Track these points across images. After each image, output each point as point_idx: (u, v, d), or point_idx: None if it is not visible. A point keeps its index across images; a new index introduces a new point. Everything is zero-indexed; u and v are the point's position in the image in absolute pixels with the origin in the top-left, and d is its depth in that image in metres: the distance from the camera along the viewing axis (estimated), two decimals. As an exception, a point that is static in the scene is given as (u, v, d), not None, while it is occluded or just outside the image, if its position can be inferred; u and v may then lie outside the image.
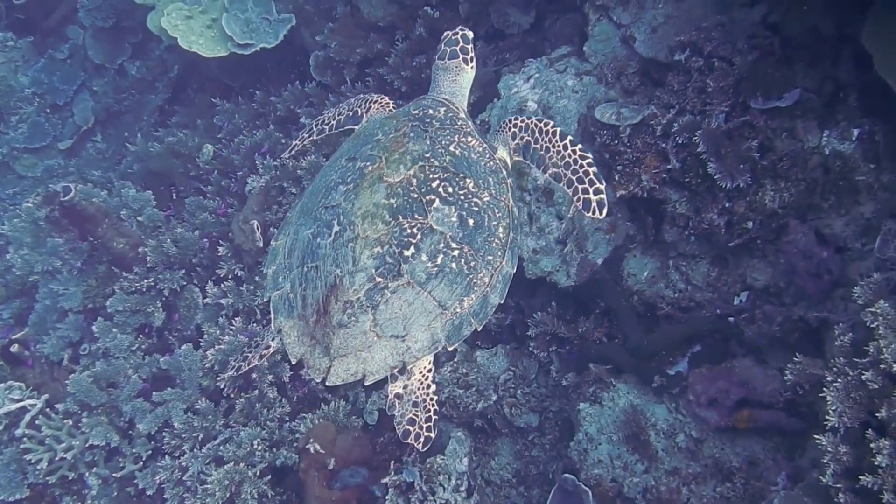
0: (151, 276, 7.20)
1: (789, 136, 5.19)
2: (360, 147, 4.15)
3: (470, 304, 3.80)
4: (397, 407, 3.92)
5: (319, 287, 3.77)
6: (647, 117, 5.43)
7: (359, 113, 4.82)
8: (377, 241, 3.70)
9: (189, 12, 8.42)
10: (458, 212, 3.82)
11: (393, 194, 3.80)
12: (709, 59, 5.37)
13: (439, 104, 4.33)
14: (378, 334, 3.70)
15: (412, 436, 3.87)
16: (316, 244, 3.87)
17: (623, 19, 5.97)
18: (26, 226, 7.86)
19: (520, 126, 4.29)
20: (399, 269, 3.68)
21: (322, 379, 3.74)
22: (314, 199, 4.10)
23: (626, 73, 5.93)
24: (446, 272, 3.73)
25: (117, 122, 10.81)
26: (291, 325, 3.92)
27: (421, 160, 3.90)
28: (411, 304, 3.70)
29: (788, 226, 5.16)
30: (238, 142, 8.18)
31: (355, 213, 3.79)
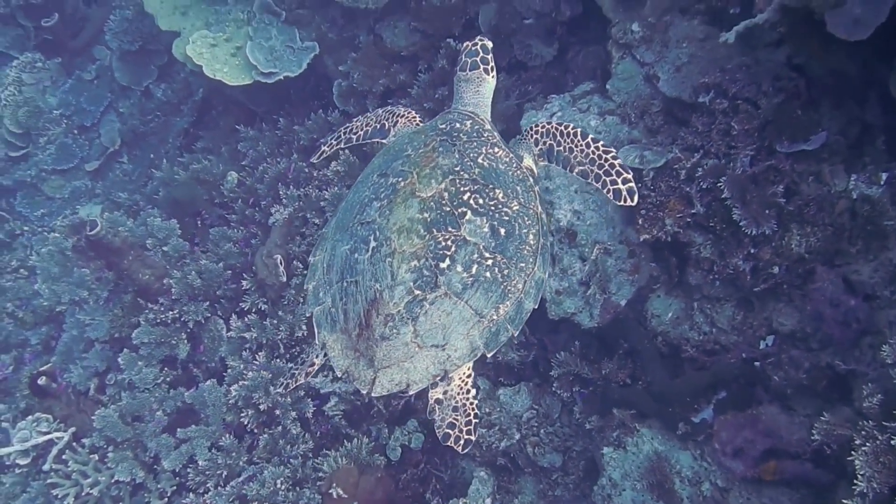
0: (176, 308, 7.23)
1: (816, 179, 5.14)
2: (391, 163, 4.22)
3: (506, 311, 3.89)
4: (437, 412, 3.99)
5: (360, 301, 3.84)
6: (671, 161, 5.39)
7: (386, 126, 4.89)
8: (413, 255, 3.78)
9: (214, 40, 8.45)
10: (489, 222, 3.89)
11: (426, 208, 3.88)
12: (733, 101, 5.33)
13: (465, 117, 4.41)
14: (419, 345, 3.78)
15: (452, 439, 3.92)
16: (354, 260, 3.94)
17: (646, 58, 5.92)
18: (53, 256, 7.93)
19: (541, 132, 4.40)
20: (436, 280, 3.76)
21: (368, 390, 3.82)
22: (349, 216, 4.18)
23: (649, 112, 5.89)
24: (481, 281, 3.81)
25: (143, 144, 10.87)
26: (335, 339, 3.99)
27: (451, 174, 3.98)
28: (449, 314, 3.78)
29: (815, 272, 5.10)
30: (262, 170, 8.19)
31: (391, 228, 3.87)
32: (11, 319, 8.80)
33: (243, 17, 8.61)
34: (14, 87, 11.22)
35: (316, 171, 7.81)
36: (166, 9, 9.10)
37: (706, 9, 5.71)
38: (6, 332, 8.74)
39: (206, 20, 8.91)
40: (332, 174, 7.51)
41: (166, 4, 9.12)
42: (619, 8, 6.08)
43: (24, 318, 8.74)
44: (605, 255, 5.72)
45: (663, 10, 5.86)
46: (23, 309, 8.88)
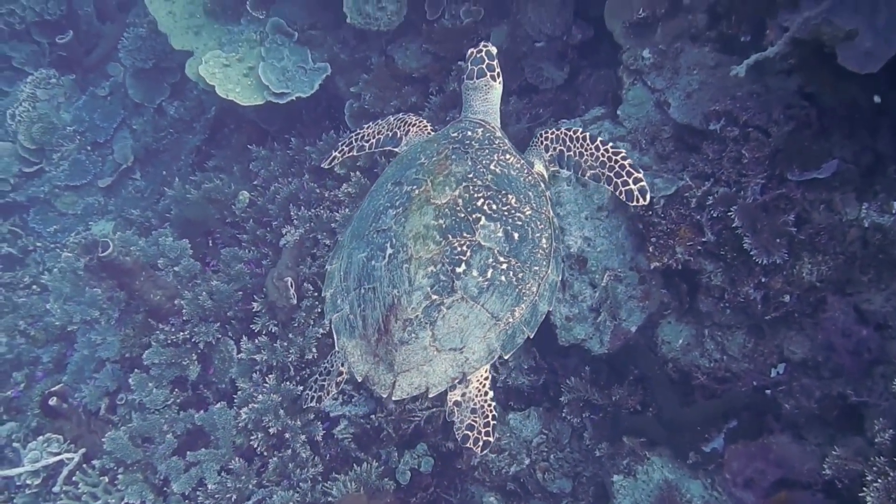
0: (187, 329, 7.25)
1: (827, 208, 5.11)
2: (405, 171, 4.32)
3: (521, 314, 4.00)
4: (456, 414, 4.11)
5: (378, 307, 3.95)
6: (682, 189, 5.39)
7: (398, 135, 5.05)
8: (430, 261, 3.89)
9: (227, 60, 8.49)
10: (503, 227, 4.00)
11: (441, 215, 3.98)
12: (744, 129, 5.31)
13: (476, 125, 4.56)
14: (438, 348, 3.88)
15: (471, 440, 4.05)
16: (371, 267, 4.05)
17: (657, 84, 5.91)
18: (66, 275, 7.97)
19: (551, 138, 4.59)
20: (453, 285, 3.86)
21: (388, 394, 3.92)
22: (364, 224, 4.28)
23: (660, 139, 5.88)
24: (496, 285, 3.92)
25: (156, 161, 10.93)
26: (354, 345, 4.10)
27: (465, 181, 4.09)
28: (466, 318, 3.88)
29: (827, 301, 5.08)
30: (273, 190, 8.21)
31: (407, 235, 3.97)
32: (23, 337, 8.84)
33: (256, 38, 8.65)
34: (28, 104, 11.31)
35: (327, 192, 7.82)
36: (179, 28, 9.14)
37: (717, 36, 5.70)
38: (18, 350, 8.77)
39: (218, 40, 8.94)
40: (343, 195, 7.52)
41: (179, 24, 9.16)
42: (630, 34, 6.07)
43: (35, 336, 8.78)
44: (616, 282, 5.71)
45: (674, 36, 5.86)
46: (35, 327, 8.92)
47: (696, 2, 5.78)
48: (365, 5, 7.75)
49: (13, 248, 10.59)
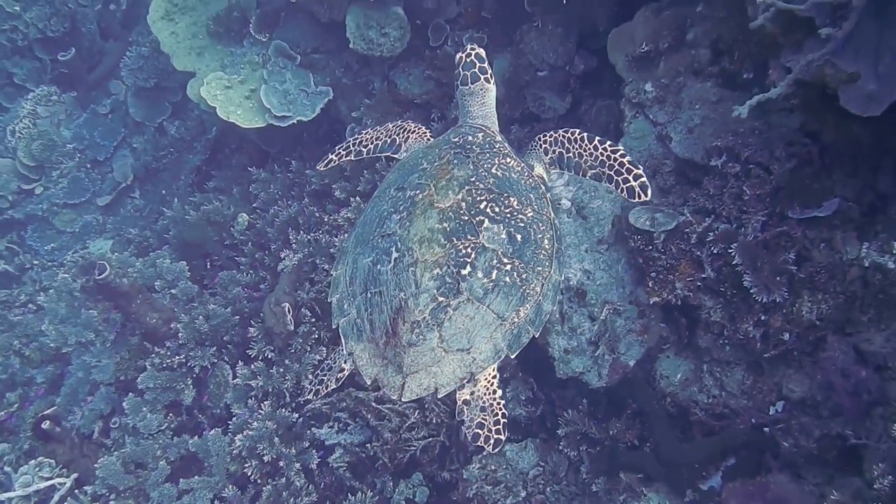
0: (183, 353, 7.20)
1: (827, 246, 5.08)
2: (407, 177, 4.38)
3: (526, 314, 4.05)
4: (466, 413, 4.12)
5: (385, 311, 4.01)
6: (682, 224, 5.36)
7: (397, 141, 5.07)
8: (435, 264, 3.95)
9: (228, 82, 8.50)
10: (506, 229, 4.06)
11: (445, 219, 4.04)
12: (746, 165, 5.30)
13: (476, 130, 4.61)
14: (445, 349, 3.93)
15: (482, 438, 4.06)
16: (377, 271, 4.10)
17: (659, 118, 5.91)
18: (62, 296, 7.94)
19: (550, 140, 4.60)
20: (458, 287, 3.92)
21: (398, 395, 3.98)
22: (369, 229, 4.33)
23: (661, 172, 5.87)
24: (501, 286, 3.97)
25: (155, 180, 10.93)
26: (362, 349, 4.15)
27: (467, 184, 4.15)
28: (473, 319, 3.94)
29: (826, 340, 5.05)
30: (273, 213, 8.20)
31: (412, 239, 4.03)
32: (18, 357, 8.79)
33: (258, 60, 8.67)
34: (29, 120, 11.32)
35: (327, 217, 7.81)
36: (182, 49, 9.16)
37: (719, 72, 5.71)
38: (12, 370, 8.72)
39: (221, 62, 8.96)
40: (342, 220, 7.51)
41: (182, 45, 9.18)
42: (632, 68, 6.08)
43: (30, 356, 8.73)
44: (615, 315, 5.68)
45: (677, 71, 5.86)
46: (29, 346, 8.87)
47: (699, 37, 5.78)
48: (368, 31, 7.77)
49: (10, 265, 10.57)
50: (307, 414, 6.73)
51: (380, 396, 6.54)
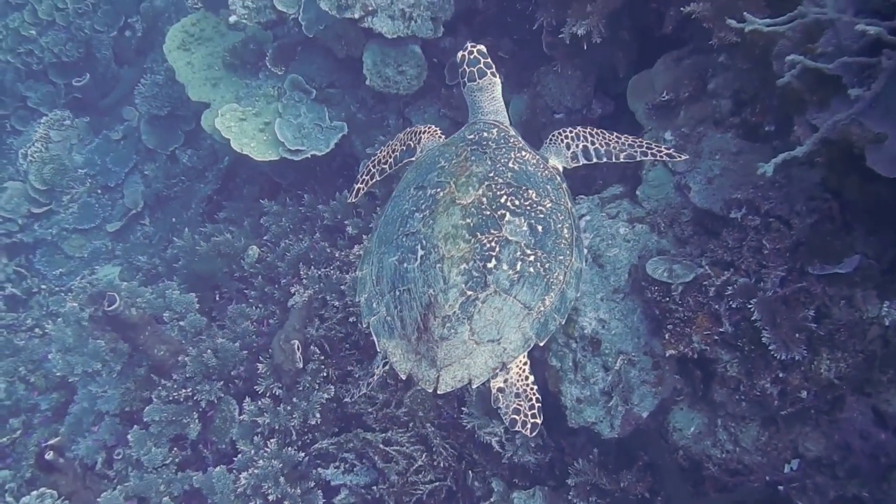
0: (189, 387, 7.15)
1: (847, 304, 5.02)
2: (426, 175, 4.45)
3: (551, 302, 4.13)
4: (501, 400, 4.20)
5: (415, 307, 4.05)
6: (700, 277, 5.31)
7: (412, 146, 5.13)
8: (462, 259, 4.01)
9: (243, 115, 8.49)
10: (527, 221, 4.14)
11: (468, 214, 4.12)
12: (766, 219, 5.25)
13: (490, 126, 4.70)
14: (476, 341, 3.99)
15: (519, 423, 4.15)
16: (404, 269, 4.14)
17: (678, 167, 5.87)
18: (70, 325, 7.88)
19: (571, 136, 4.82)
20: (485, 280, 3.99)
21: (433, 388, 4.01)
22: (392, 228, 4.37)
23: (679, 222, 5.83)
24: (526, 276, 4.05)
25: (166, 207, 10.91)
26: (395, 346, 4.18)
27: (486, 180, 4.23)
28: (501, 310, 4.01)
29: (845, 400, 4.98)
30: (284, 247, 8.15)
31: (437, 236, 4.09)
32: (23, 383, 8.74)
33: (273, 93, 8.67)
34: (41, 144, 11.34)
35: (338, 252, 7.77)
36: (197, 79, 9.18)
37: (741, 122, 5.67)
38: (17, 396, 8.66)
39: (236, 93, 8.97)
40: (354, 258, 7.46)
41: (198, 75, 9.20)
42: (652, 116, 6.06)
43: (35, 382, 8.70)
44: (629, 366, 5.62)
45: (697, 121, 5.84)
46: (35, 373, 8.82)
47: (720, 87, 5.76)
48: (385, 69, 7.77)
49: (17, 288, 10.53)
50: (313, 453, 6.66)
51: (387, 438, 6.49)
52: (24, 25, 12.36)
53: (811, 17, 4.17)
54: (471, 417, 6.36)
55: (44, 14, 12.35)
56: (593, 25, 6.00)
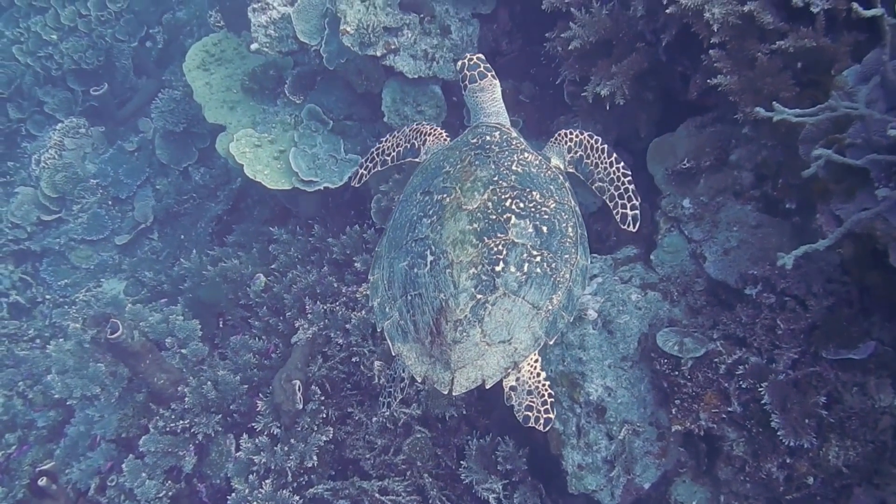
0: (187, 418, 7.07)
1: (860, 391, 4.93)
2: (431, 180, 4.56)
3: (559, 301, 4.25)
4: (514, 398, 4.32)
5: (427, 312, 4.17)
6: (711, 353, 5.22)
7: (416, 145, 5.28)
8: (470, 264, 4.13)
9: (258, 141, 8.41)
10: (532, 223, 4.25)
11: (474, 219, 4.24)
12: (781, 297, 5.18)
13: (492, 129, 4.83)
14: (488, 343, 4.11)
15: (532, 419, 4.27)
16: (414, 274, 4.26)
17: (695, 235, 5.79)
18: (71, 348, 7.82)
19: (575, 141, 4.91)
20: (494, 283, 4.11)
21: (448, 390, 4.14)
22: (401, 234, 4.49)
23: (692, 291, 5.75)
24: (533, 277, 4.17)
25: (175, 223, 10.86)
26: (409, 349, 4.31)
27: (491, 184, 4.35)
28: (510, 312, 4.13)
29: (852, 491, 4.88)
30: (291, 278, 8.05)
31: (445, 242, 4.21)
32: (21, 399, 8.68)
33: (290, 121, 8.59)
34: (55, 151, 11.33)
35: (345, 288, 7.69)
36: (215, 101, 9.13)
37: (761, 196, 5.59)
38: (14, 411, 8.61)
39: (253, 118, 8.90)
40: (360, 297, 7.38)
41: (215, 97, 9.15)
42: (671, 181, 5.98)
43: (33, 399, 8.64)
44: (633, 436, 5.53)
45: (717, 190, 5.76)
46: (33, 388, 8.76)
47: (742, 159, 5.68)
48: (404, 107, 7.70)
49: (21, 296, 10.49)
50: (308, 497, 6.57)
51: (384, 487, 6.41)
52: (46, 29, 12.38)
53: (841, 111, 4.08)
54: (469, 472, 6.27)
55: (66, 20, 12.38)
56: (617, 86, 5.92)
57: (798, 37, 4.87)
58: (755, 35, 5.18)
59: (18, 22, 12.81)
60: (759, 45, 5.14)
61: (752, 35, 5.18)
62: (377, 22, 7.25)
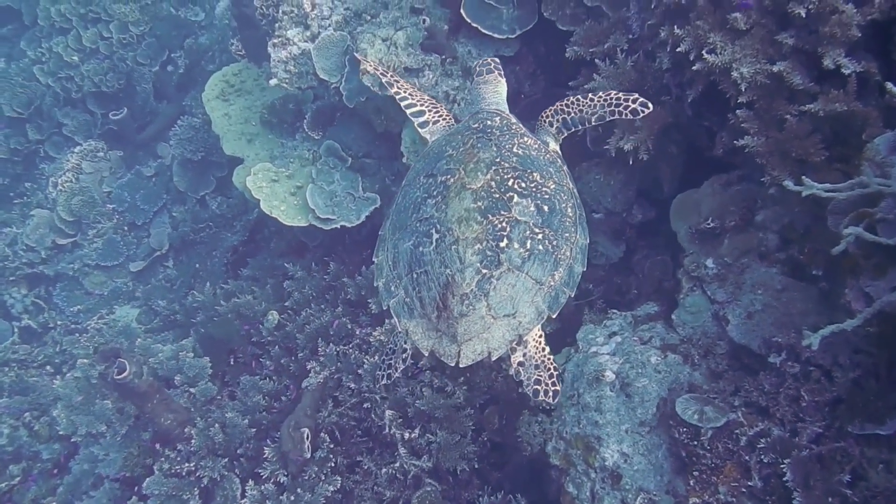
0: (193, 461, 6.94)
1: (886, 469, 4.72)
2: (435, 163, 4.75)
3: (560, 277, 4.44)
4: (522, 373, 4.50)
5: (434, 287, 4.32)
6: (732, 423, 5.04)
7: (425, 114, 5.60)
8: (476, 240, 4.29)
9: (276, 175, 8.31)
10: (534, 202, 4.44)
11: (479, 198, 4.41)
12: (806, 367, 4.99)
13: (493, 115, 5.09)
14: (493, 316, 4.26)
15: (541, 393, 4.47)
16: (420, 253, 4.42)
17: (718, 296, 5.62)
18: (79, 382, 7.71)
19: (550, 114, 5.19)
20: (499, 259, 4.27)
21: (455, 362, 4.27)
22: (405, 216, 4.66)
23: (714, 354, 5.57)
24: (536, 254, 4.34)
25: (191, 252, 10.76)
26: (415, 325, 4.45)
27: (493, 165, 4.55)
28: (514, 286, 4.28)
29: (875, 575, 4.68)
30: (304, 318, 7.91)
31: (450, 220, 4.37)
32: (26, 430, 8.58)
33: (308, 157, 8.51)
34: (72, 174, 11.30)
35: (359, 329, 7.55)
36: (233, 133, 9.06)
37: (787, 259, 5.41)
38: (19, 442, 8.50)
39: (270, 151, 8.82)
40: (374, 341, 7.23)
41: (234, 128, 9.09)
42: (695, 240, 5.81)
43: (39, 431, 8.53)
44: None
45: (742, 251, 5.58)
46: (39, 420, 8.66)
47: (768, 221, 5.50)
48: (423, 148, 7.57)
49: (33, 321, 10.41)
50: (312, 549, 6.43)
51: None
52: (68, 51, 12.36)
53: (874, 188, 3.92)
54: (478, 530, 6.11)
55: (88, 41, 12.37)
56: (641, 141, 5.78)
57: (828, 100, 4.73)
58: (784, 95, 5.04)
59: (41, 42, 12.82)
60: (787, 107, 5.00)
61: (780, 95, 5.04)
62: (398, 63, 7.15)
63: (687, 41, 5.23)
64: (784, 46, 4.92)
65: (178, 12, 12.85)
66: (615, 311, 6.22)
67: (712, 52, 5.08)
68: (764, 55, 5.00)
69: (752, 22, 5.03)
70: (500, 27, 7.26)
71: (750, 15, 5.01)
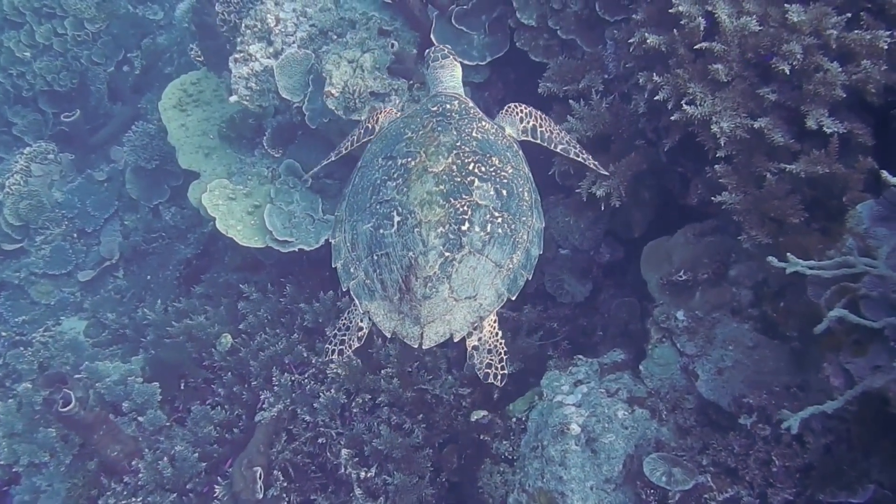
0: (140, 496, 6.67)
1: (857, 538, 4.65)
2: (394, 146, 4.79)
3: (518, 260, 4.57)
4: (476, 357, 4.54)
5: (395, 270, 4.40)
6: (701, 487, 4.91)
7: (371, 126, 5.51)
8: (438, 223, 4.37)
9: (233, 193, 8.01)
10: (493, 186, 4.55)
11: (440, 181, 4.48)
12: (776, 430, 4.87)
13: (451, 98, 5.14)
14: (455, 299, 4.39)
15: (491, 376, 4.53)
16: (380, 235, 4.48)
17: (687, 349, 5.49)
18: (21, 409, 7.36)
19: (525, 112, 5.28)
20: (461, 241, 4.37)
21: (419, 344, 4.38)
22: (363, 197, 4.70)
23: (682, 408, 5.44)
24: (496, 237, 4.46)
25: (142, 262, 10.41)
26: (377, 307, 4.54)
27: (454, 149, 4.62)
28: (475, 269, 4.41)
29: None
30: (258, 343, 7.63)
31: (412, 202, 4.43)
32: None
33: (267, 174, 8.24)
34: (20, 176, 10.86)
35: (315, 358, 7.30)
36: (190, 145, 8.78)
37: (760, 316, 5.29)
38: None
39: (228, 167, 8.53)
40: (332, 374, 6.97)
41: (191, 140, 8.80)
42: (665, 291, 5.67)
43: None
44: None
45: (714, 305, 5.45)
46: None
47: (742, 276, 5.38)
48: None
49: (-26, 331, 10.02)
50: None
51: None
52: (20, 46, 11.87)
53: (860, 268, 3.79)
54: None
55: (41, 37, 11.87)
56: (614, 188, 5.61)
57: (810, 161, 4.60)
58: (764, 151, 4.90)
59: (-8, 35, 12.34)
60: (767, 163, 4.87)
61: (760, 151, 4.90)
62: (364, 87, 6.91)
63: (666, 89, 5.07)
64: (765, 101, 4.78)
65: (135, 10, 12.41)
66: (581, 356, 6.06)
67: (692, 104, 4.93)
68: (745, 109, 4.86)
69: (733, 74, 4.89)
70: (470, 53, 7.06)
71: (731, 67, 4.86)
